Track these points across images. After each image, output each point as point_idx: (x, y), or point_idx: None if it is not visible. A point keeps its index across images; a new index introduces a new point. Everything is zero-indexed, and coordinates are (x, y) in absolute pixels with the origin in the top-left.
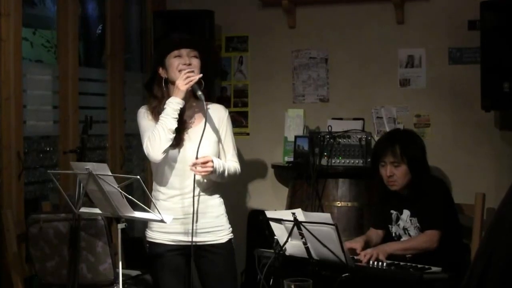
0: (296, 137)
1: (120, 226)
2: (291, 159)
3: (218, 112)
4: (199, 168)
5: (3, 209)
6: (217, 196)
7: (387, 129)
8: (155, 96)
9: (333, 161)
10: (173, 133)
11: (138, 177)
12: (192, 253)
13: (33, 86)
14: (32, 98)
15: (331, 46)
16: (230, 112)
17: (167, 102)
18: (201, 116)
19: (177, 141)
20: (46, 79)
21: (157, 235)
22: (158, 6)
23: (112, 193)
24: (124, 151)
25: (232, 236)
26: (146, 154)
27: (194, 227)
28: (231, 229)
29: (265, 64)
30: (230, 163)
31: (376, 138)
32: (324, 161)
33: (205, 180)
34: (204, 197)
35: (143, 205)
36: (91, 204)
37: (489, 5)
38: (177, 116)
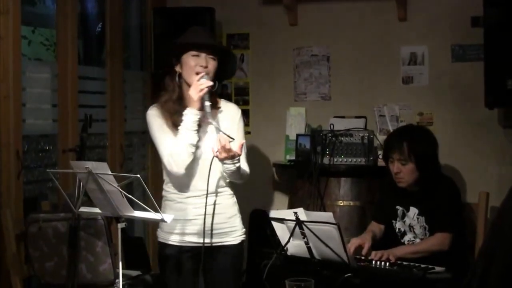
0: (297, 135)
1: (120, 225)
2: (293, 157)
3: (231, 111)
4: (222, 153)
5: (2, 209)
6: (230, 196)
7: (390, 127)
8: (165, 89)
9: (335, 159)
10: (195, 146)
11: (138, 175)
12: (203, 255)
13: (32, 84)
14: (31, 97)
15: (333, 44)
16: None
17: (184, 113)
18: (213, 115)
19: None
20: (45, 77)
21: (168, 236)
22: (158, 3)
23: (112, 192)
24: (124, 150)
25: (245, 238)
26: (169, 170)
27: (207, 228)
28: (244, 229)
29: (266, 61)
30: (242, 164)
31: (379, 137)
32: (326, 160)
33: (219, 180)
34: (217, 198)
35: (143, 204)
36: (91, 204)
37: (492, 1)
38: (196, 128)
